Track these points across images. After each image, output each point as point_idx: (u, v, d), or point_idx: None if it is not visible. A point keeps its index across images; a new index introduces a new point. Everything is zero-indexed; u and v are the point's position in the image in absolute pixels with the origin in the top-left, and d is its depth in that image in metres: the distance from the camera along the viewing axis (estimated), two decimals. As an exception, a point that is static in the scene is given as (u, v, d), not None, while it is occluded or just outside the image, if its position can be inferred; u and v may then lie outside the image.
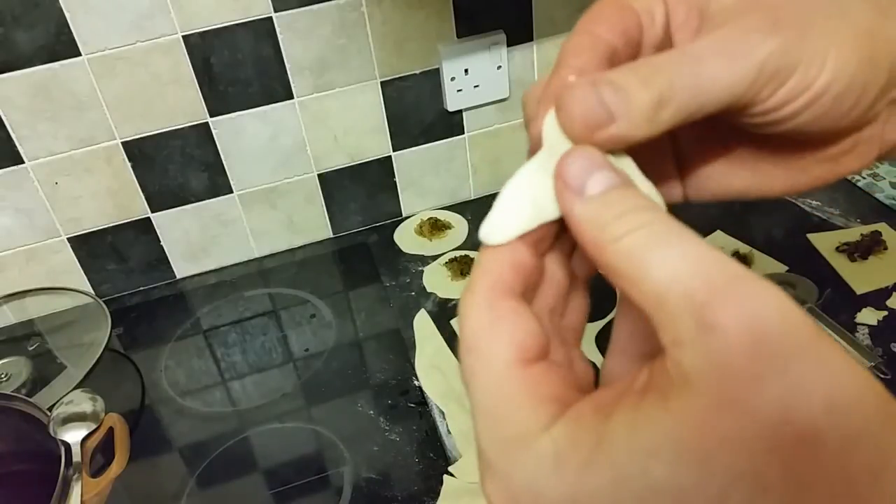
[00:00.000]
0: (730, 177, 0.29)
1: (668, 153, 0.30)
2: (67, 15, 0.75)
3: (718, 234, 0.86)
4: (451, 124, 0.95)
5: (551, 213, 0.23)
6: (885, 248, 0.80)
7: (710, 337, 0.18)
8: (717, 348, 0.18)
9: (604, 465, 0.18)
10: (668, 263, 0.19)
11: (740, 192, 0.29)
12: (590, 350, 0.70)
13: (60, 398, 0.67)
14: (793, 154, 0.27)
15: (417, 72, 0.90)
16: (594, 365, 0.25)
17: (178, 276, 0.96)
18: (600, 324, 0.73)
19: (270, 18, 0.81)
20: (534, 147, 0.25)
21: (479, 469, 0.21)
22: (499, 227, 0.23)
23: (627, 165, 0.24)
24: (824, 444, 0.17)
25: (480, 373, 0.21)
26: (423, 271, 0.90)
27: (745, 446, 0.17)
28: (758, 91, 0.23)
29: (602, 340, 0.72)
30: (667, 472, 0.18)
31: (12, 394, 0.68)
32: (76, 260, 0.91)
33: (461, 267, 0.87)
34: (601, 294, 0.29)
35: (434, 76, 0.90)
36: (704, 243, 0.19)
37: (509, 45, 0.90)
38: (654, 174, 0.25)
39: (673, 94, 0.23)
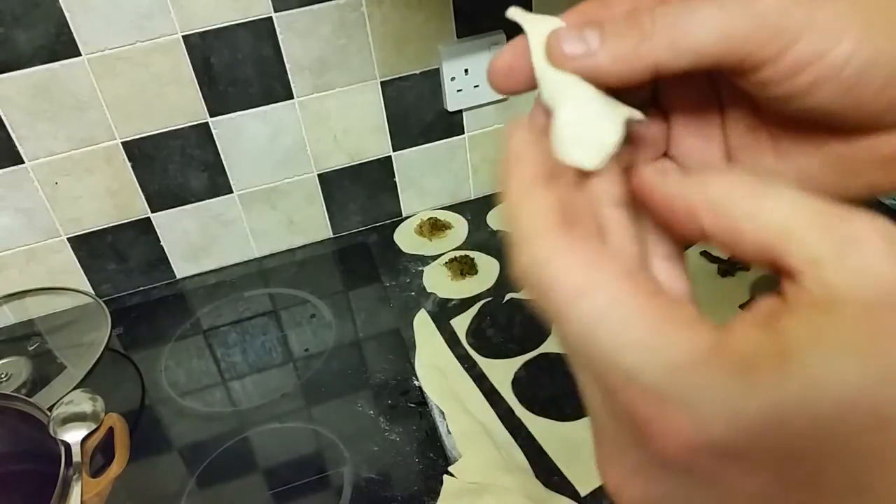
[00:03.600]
0: (777, 176, 0.28)
1: (718, 149, 0.29)
2: (67, 15, 0.75)
3: (718, 234, 0.86)
4: (451, 124, 0.95)
5: (618, 137, 0.24)
6: (886, 248, 0.80)
7: (852, 251, 0.19)
8: (862, 262, 0.18)
9: (798, 375, 0.18)
10: (783, 196, 0.20)
11: None
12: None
13: (60, 398, 0.67)
14: (842, 154, 0.26)
15: (417, 72, 0.90)
16: None
17: (178, 276, 0.96)
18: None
19: (270, 18, 0.81)
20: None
21: (639, 412, 0.19)
22: (590, 151, 0.24)
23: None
24: None
25: (611, 308, 0.20)
26: (423, 271, 0.90)
27: None
28: (760, 47, 0.23)
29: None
30: (859, 374, 0.17)
31: (12, 394, 0.68)
32: (76, 260, 0.91)
33: (461, 267, 0.87)
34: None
35: (434, 76, 0.91)
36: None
37: (509, 45, 0.90)
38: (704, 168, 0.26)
39: (654, 33, 0.23)
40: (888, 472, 0.18)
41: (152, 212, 0.90)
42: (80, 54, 0.78)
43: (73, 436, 0.63)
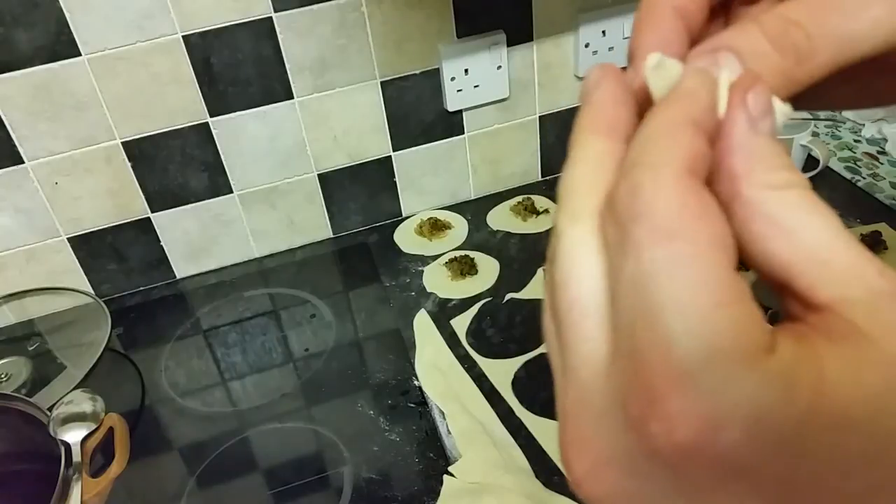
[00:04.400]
0: (840, 86, 0.26)
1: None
2: (67, 15, 0.75)
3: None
4: (451, 124, 0.95)
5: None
6: (886, 248, 0.80)
7: (884, 302, 0.18)
8: (893, 315, 0.18)
9: (835, 404, 0.17)
10: (832, 229, 0.19)
11: (846, 103, 0.28)
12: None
13: (60, 398, 0.67)
14: None
15: (417, 72, 0.90)
16: None
17: (178, 276, 0.96)
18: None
19: (270, 18, 0.81)
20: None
21: (652, 382, 0.17)
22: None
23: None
24: None
25: (691, 266, 0.18)
26: (423, 271, 0.90)
27: None
28: None
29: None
30: (892, 419, 0.17)
31: (12, 394, 0.68)
32: (76, 260, 0.91)
33: (461, 267, 0.87)
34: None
35: (434, 76, 0.91)
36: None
37: (509, 45, 0.90)
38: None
39: (815, 51, 0.22)
40: None
41: (152, 212, 0.90)
42: (80, 54, 0.78)
43: (74, 436, 0.63)
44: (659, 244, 0.18)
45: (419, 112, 0.93)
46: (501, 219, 0.97)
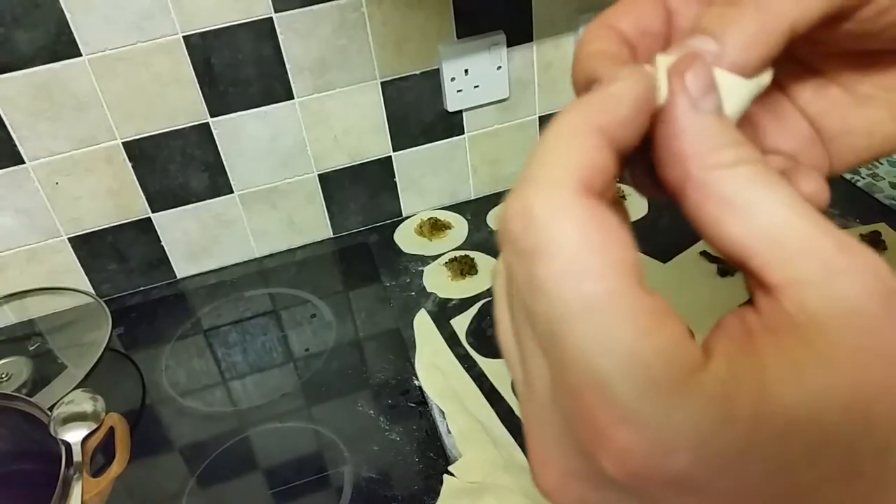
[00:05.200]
0: (872, 123, 0.27)
1: (800, 126, 0.28)
2: (68, 15, 0.75)
3: (718, 235, 0.86)
4: (451, 124, 0.95)
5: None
6: (885, 248, 0.80)
7: (840, 280, 0.17)
8: (848, 294, 0.17)
9: (776, 412, 0.17)
10: (786, 203, 0.18)
11: (886, 141, 0.27)
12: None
13: (61, 398, 0.67)
14: None
15: (417, 72, 0.90)
16: None
17: (179, 276, 0.96)
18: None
19: (271, 19, 0.82)
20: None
21: (595, 421, 0.17)
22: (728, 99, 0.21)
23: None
24: None
25: (606, 303, 0.17)
26: (423, 271, 0.90)
27: None
28: None
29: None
30: (836, 421, 0.16)
31: (13, 394, 0.68)
32: (77, 260, 0.91)
33: (461, 267, 0.88)
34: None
35: (434, 76, 0.91)
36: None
37: (509, 45, 0.90)
38: (796, 139, 0.25)
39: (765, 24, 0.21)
40: None
41: (153, 212, 0.90)
42: (80, 54, 0.78)
43: (74, 435, 0.63)
44: (568, 288, 0.18)
45: (419, 112, 0.93)
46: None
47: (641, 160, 0.22)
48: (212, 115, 0.86)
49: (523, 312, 0.20)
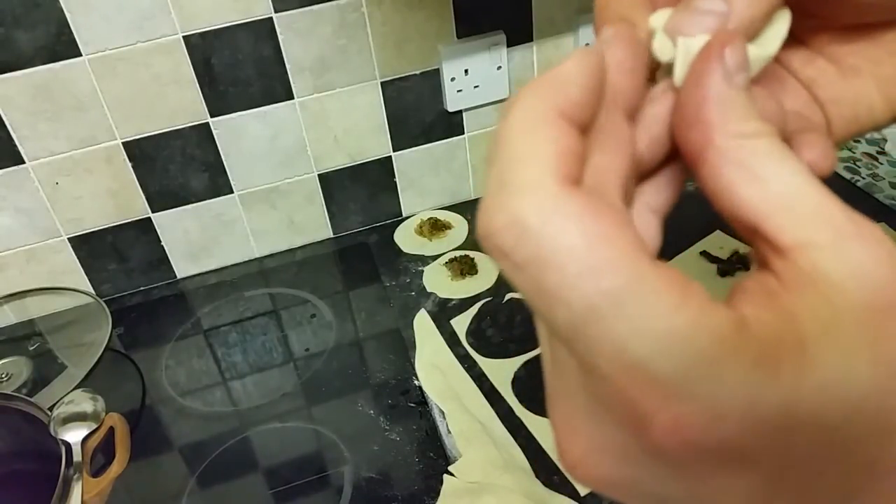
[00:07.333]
0: (858, 94, 0.28)
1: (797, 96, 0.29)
2: (68, 15, 0.75)
3: (718, 234, 0.86)
4: (451, 124, 0.95)
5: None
6: (885, 248, 0.80)
7: (850, 245, 0.18)
8: (859, 258, 0.18)
9: (816, 367, 0.17)
10: (801, 174, 0.20)
11: (871, 112, 0.28)
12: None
13: (61, 398, 0.67)
14: None
15: (417, 72, 0.90)
16: None
17: (179, 276, 0.96)
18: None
19: (271, 19, 0.82)
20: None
21: (638, 403, 0.17)
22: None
23: None
24: None
25: (629, 292, 0.17)
26: (423, 271, 0.90)
27: None
28: None
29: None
30: (867, 380, 0.17)
31: (13, 394, 0.68)
32: (77, 260, 0.91)
33: (461, 267, 0.88)
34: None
35: (434, 76, 0.91)
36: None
37: (509, 45, 0.90)
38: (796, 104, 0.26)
39: None
40: (879, 483, 0.18)
41: (153, 212, 0.90)
42: (80, 55, 0.78)
43: (74, 435, 0.63)
44: (588, 288, 0.17)
45: (419, 112, 0.93)
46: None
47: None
48: (212, 115, 0.86)
49: (537, 316, 0.19)
